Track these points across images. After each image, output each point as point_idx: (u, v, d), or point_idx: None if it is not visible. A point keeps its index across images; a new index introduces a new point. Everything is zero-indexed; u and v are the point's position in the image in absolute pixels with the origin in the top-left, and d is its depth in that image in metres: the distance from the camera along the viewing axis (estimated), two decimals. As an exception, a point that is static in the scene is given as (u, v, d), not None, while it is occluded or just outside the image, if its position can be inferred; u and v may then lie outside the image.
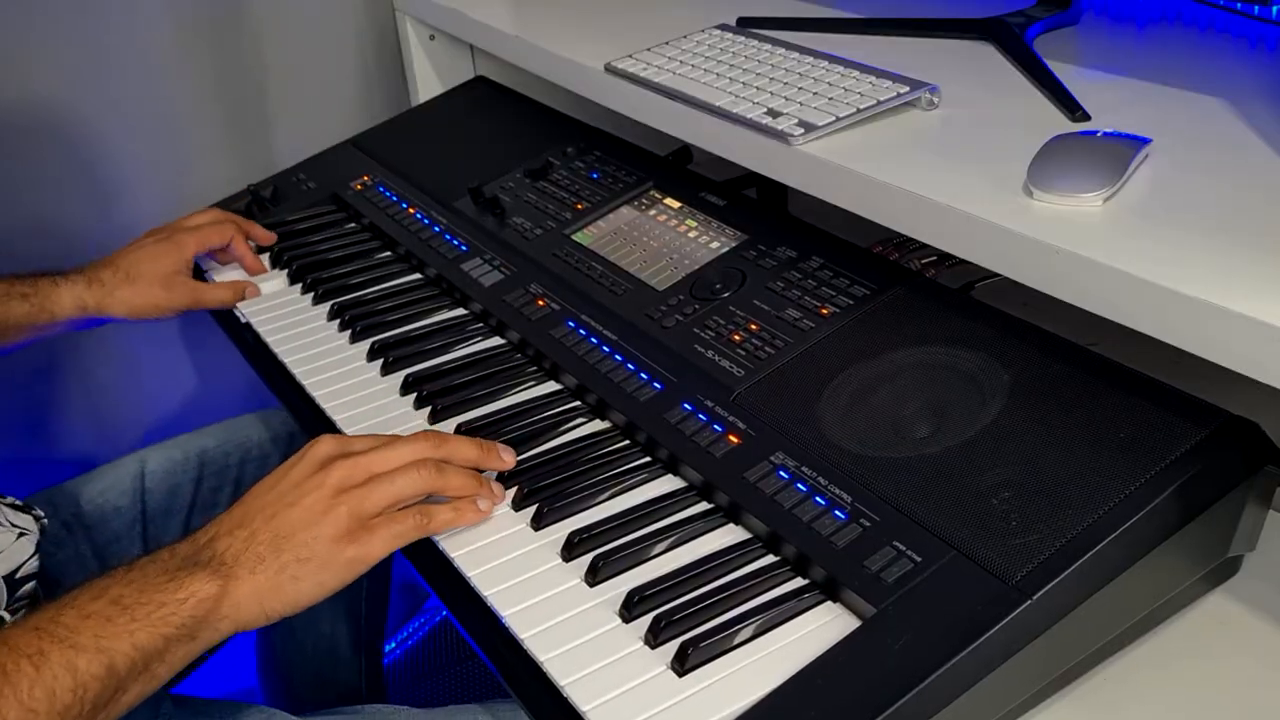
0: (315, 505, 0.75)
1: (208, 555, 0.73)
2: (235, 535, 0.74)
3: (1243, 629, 0.75)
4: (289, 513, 0.75)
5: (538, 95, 1.37)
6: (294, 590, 0.73)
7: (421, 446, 0.80)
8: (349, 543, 0.74)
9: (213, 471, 1.20)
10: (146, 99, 1.41)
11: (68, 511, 1.12)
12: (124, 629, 0.68)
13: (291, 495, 0.76)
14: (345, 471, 0.77)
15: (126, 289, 1.13)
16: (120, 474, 1.17)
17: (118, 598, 0.69)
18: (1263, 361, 0.61)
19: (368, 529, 0.75)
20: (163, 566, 0.72)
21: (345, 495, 0.75)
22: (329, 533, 0.74)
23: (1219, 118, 0.86)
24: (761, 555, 0.75)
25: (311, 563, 0.73)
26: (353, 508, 0.75)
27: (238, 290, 1.17)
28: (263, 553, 0.73)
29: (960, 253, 0.79)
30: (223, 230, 1.20)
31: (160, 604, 0.69)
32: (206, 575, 0.71)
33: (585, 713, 0.66)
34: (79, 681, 0.65)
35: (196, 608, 0.70)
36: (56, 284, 1.11)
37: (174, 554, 0.74)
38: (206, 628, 0.71)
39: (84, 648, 0.66)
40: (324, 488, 0.76)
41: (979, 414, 0.76)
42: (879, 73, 0.96)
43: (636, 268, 1.03)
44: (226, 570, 0.72)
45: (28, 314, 1.10)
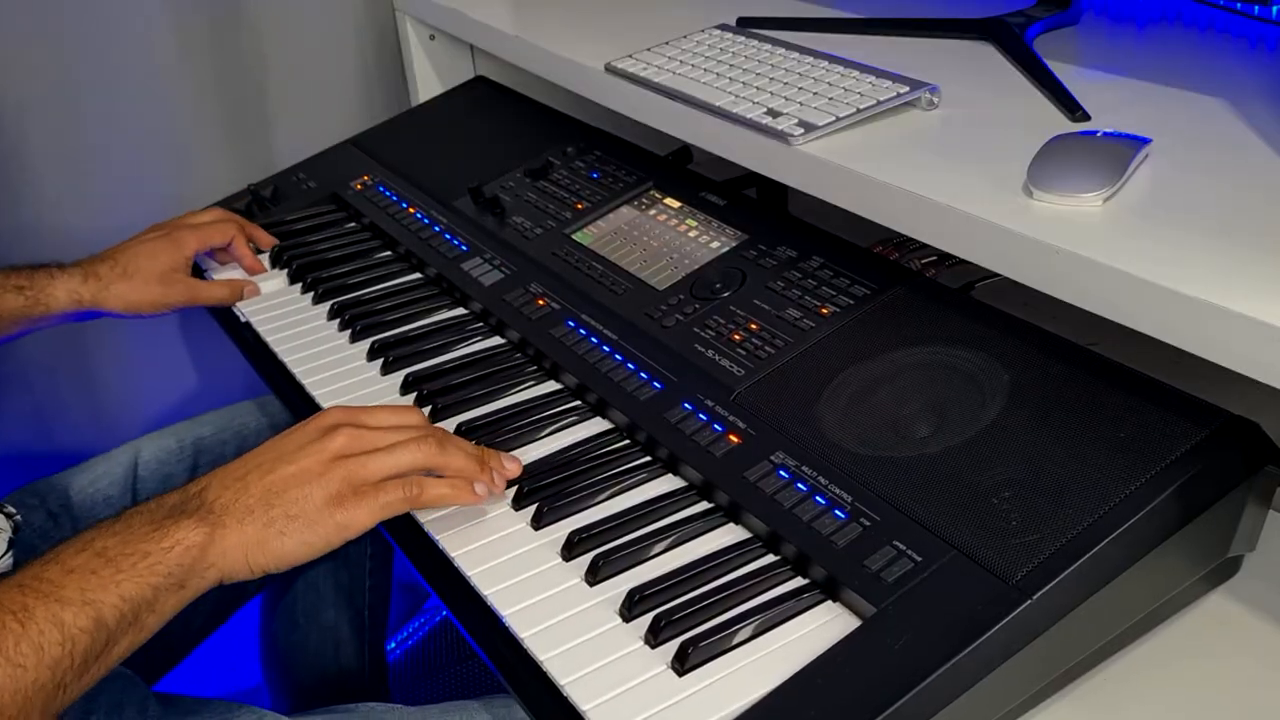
0: (312, 466, 0.76)
1: (196, 504, 0.74)
2: (228, 487, 0.75)
3: (1243, 629, 0.75)
4: (284, 469, 0.76)
5: (538, 95, 1.37)
6: (279, 545, 0.74)
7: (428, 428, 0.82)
8: (338, 507, 0.75)
9: (208, 460, 1.19)
10: (146, 99, 1.41)
11: (56, 503, 1.11)
12: (110, 580, 0.68)
13: (291, 456, 0.77)
14: (347, 439, 0.78)
15: (123, 284, 1.12)
16: (112, 464, 1.17)
17: (102, 550, 0.69)
18: (1263, 361, 0.61)
19: (359, 494, 0.76)
20: (149, 517, 0.72)
21: (343, 461, 0.77)
22: (320, 494, 0.75)
23: (1219, 118, 0.86)
24: (761, 555, 0.75)
25: (299, 520, 0.74)
26: (348, 473, 0.76)
27: (235, 289, 1.17)
28: (252, 505, 0.74)
29: (960, 253, 0.79)
30: (224, 230, 1.20)
31: (145, 554, 0.69)
32: (193, 523, 0.72)
33: (585, 712, 0.66)
34: (66, 635, 0.65)
35: (183, 555, 0.70)
36: (53, 276, 1.11)
37: (161, 504, 0.74)
38: (194, 575, 0.71)
39: (70, 601, 0.66)
40: (324, 451, 0.77)
41: (979, 414, 0.76)
42: (879, 73, 0.96)
43: (636, 267, 1.03)
44: (214, 519, 0.72)
45: (22, 307, 1.09)
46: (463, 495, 0.80)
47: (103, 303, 1.12)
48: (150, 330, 1.50)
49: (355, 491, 0.76)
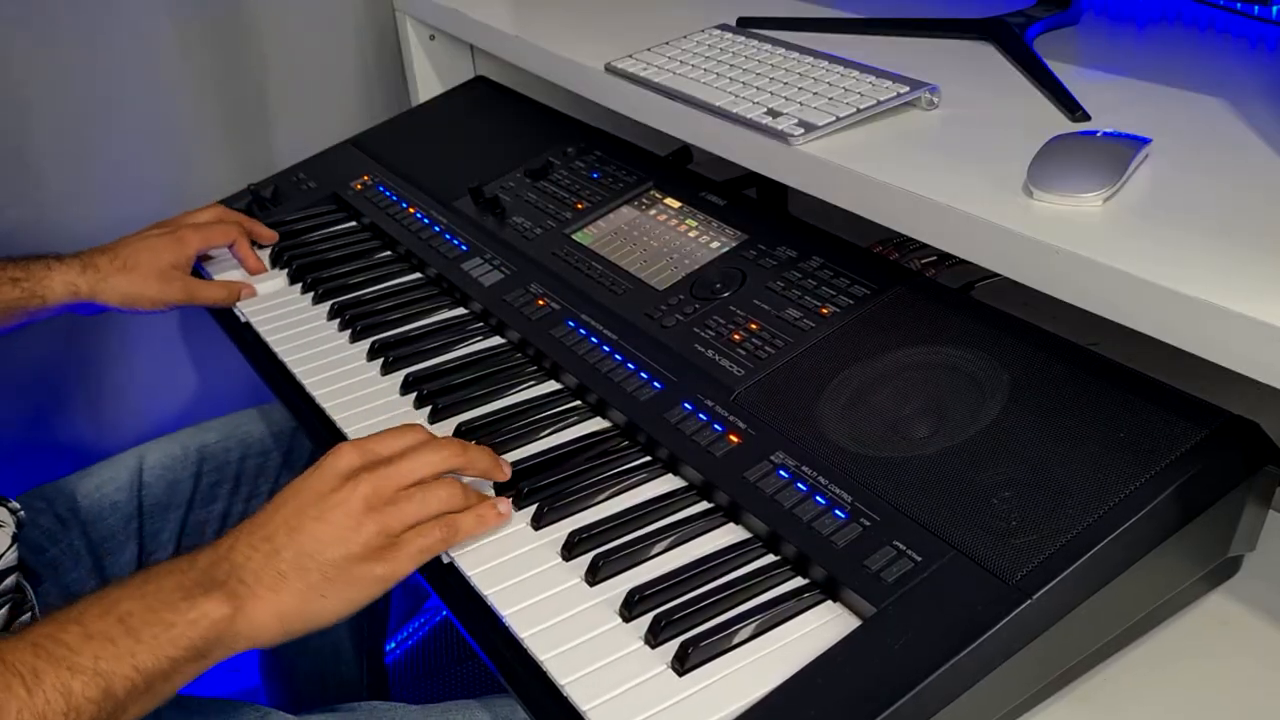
0: (343, 521, 0.72)
1: (225, 571, 0.71)
2: (257, 549, 0.72)
3: (1243, 629, 0.75)
4: (315, 528, 0.72)
5: (538, 95, 1.37)
6: (320, 608, 0.71)
7: (446, 456, 0.78)
8: (377, 560, 0.72)
9: (212, 467, 1.19)
10: (146, 99, 1.41)
11: (63, 506, 1.11)
12: (126, 651, 0.66)
13: (316, 509, 0.73)
14: (372, 486, 0.74)
15: (121, 277, 1.11)
16: (118, 469, 1.17)
17: (125, 615, 0.67)
18: (1263, 361, 0.61)
19: (395, 545, 0.73)
20: (178, 580, 0.69)
21: (374, 513, 0.73)
22: (357, 551, 0.72)
23: (1219, 118, 0.86)
24: (761, 555, 0.75)
25: (339, 581, 0.71)
26: (381, 524, 0.73)
27: (233, 290, 1.17)
28: (285, 570, 0.71)
29: (960, 253, 0.79)
30: (227, 231, 1.20)
31: (169, 624, 0.67)
32: (222, 596, 0.69)
33: (585, 712, 0.66)
34: (72, 705, 0.63)
35: (209, 629, 0.68)
36: (49, 268, 1.10)
37: (193, 564, 0.71)
38: (219, 647, 0.69)
39: (81, 669, 0.64)
40: (351, 502, 0.73)
41: (979, 414, 0.76)
42: (879, 73, 0.96)
43: (636, 267, 1.03)
44: (246, 590, 0.70)
45: (18, 298, 1.08)
46: (491, 520, 0.78)
47: (100, 295, 1.11)
48: (153, 336, 1.50)
49: (392, 542, 0.74)
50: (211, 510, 1.18)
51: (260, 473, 1.21)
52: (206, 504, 1.18)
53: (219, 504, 1.19)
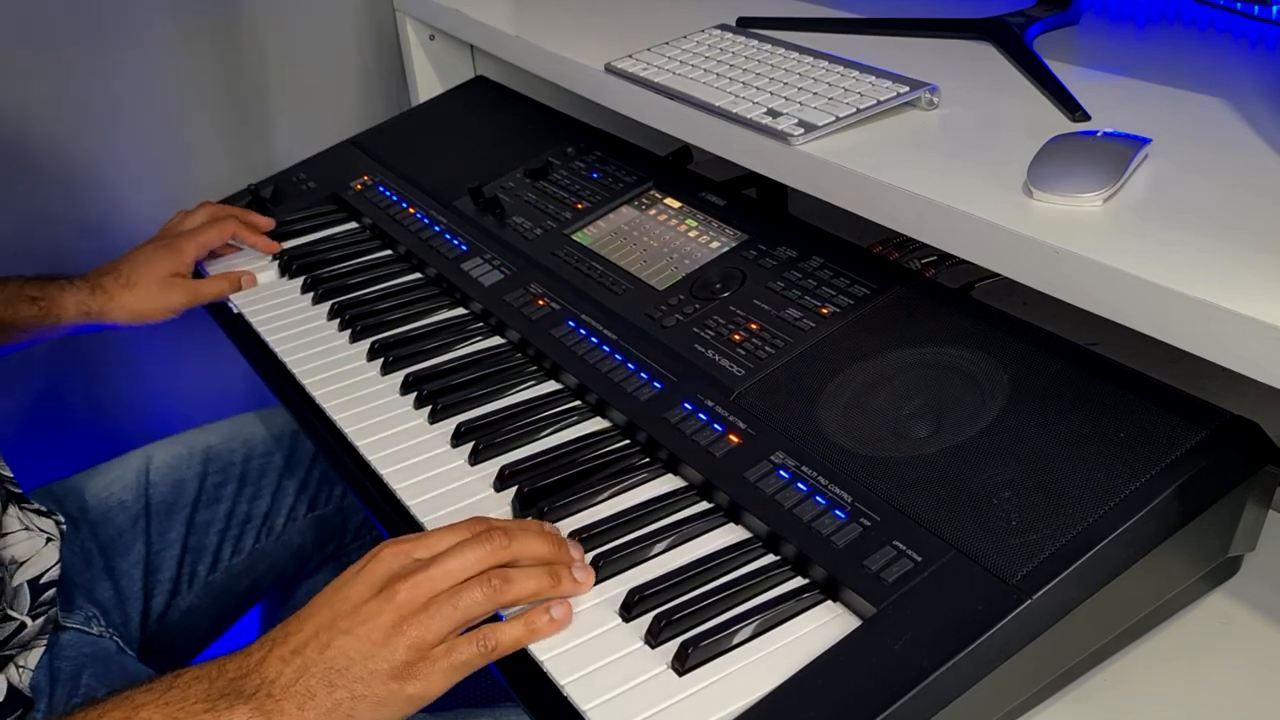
0: (373, 635, 0.68)
1: (255, 683, 0.67)
2: (288, 662, 0.68)
3: (1243, 629, 0.75)
4: (344, 641, 0.68)
5: (538, 95, 1.37)
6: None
7: (488, 551, 0.72)
8: (408, 679, 0.68)
9: (217, 468, 1.20)
10: (147, 99, 1.41)
11: (73, 506, 1.12)
12: None
13: (347, 620, 0.69)
14: (406, 596, 0.69)
15: (126, 294, 1.15)
16: (125, 469, 1.18)
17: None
18: (1263, 361, 0.61)
19: (428, 660, 0.68)
20: (204, 690, 0.67)
21: (405, 624, 0.68)
22: (386, 668, 0.67)
23: (1219, 118, 0.86)
24: (761, 555, 0.75)
25: (368, 700, 0.67)
26: (413, 640, 0.68)
27: (233, 281, 1.19)
28: (314, 687, 0.67)
29: (960, 253, 0.79)
30: (222, 228, 1.21)
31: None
32: (248, 711, 0.65)
33: (585, 712, 0.66)
34: None
35: None
36: (63, 289, 1.14)
37: (222, 672, 0.68)
38: None
39: None
40: (383, 615, 0.69)
41: (979, 414, 0.76)
42: (879, 73, 0.96)
43: (636, 267, 1.03)
44: (273, 705, 0.66)
45: (35, 316, 1.12)
46: (541, 631, 0.71)
47: (109, 314, 1.15)
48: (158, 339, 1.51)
49: (424, 658, 0.68)
50: (217, 510, 1.19)
51: (263, 473, 1.22)
52: (212, 504, 1.19)
53: (224, 504, 1.19)
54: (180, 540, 1.16)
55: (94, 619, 1.02)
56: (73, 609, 1.01)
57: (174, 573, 1.15)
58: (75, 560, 1.08)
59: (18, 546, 0.91)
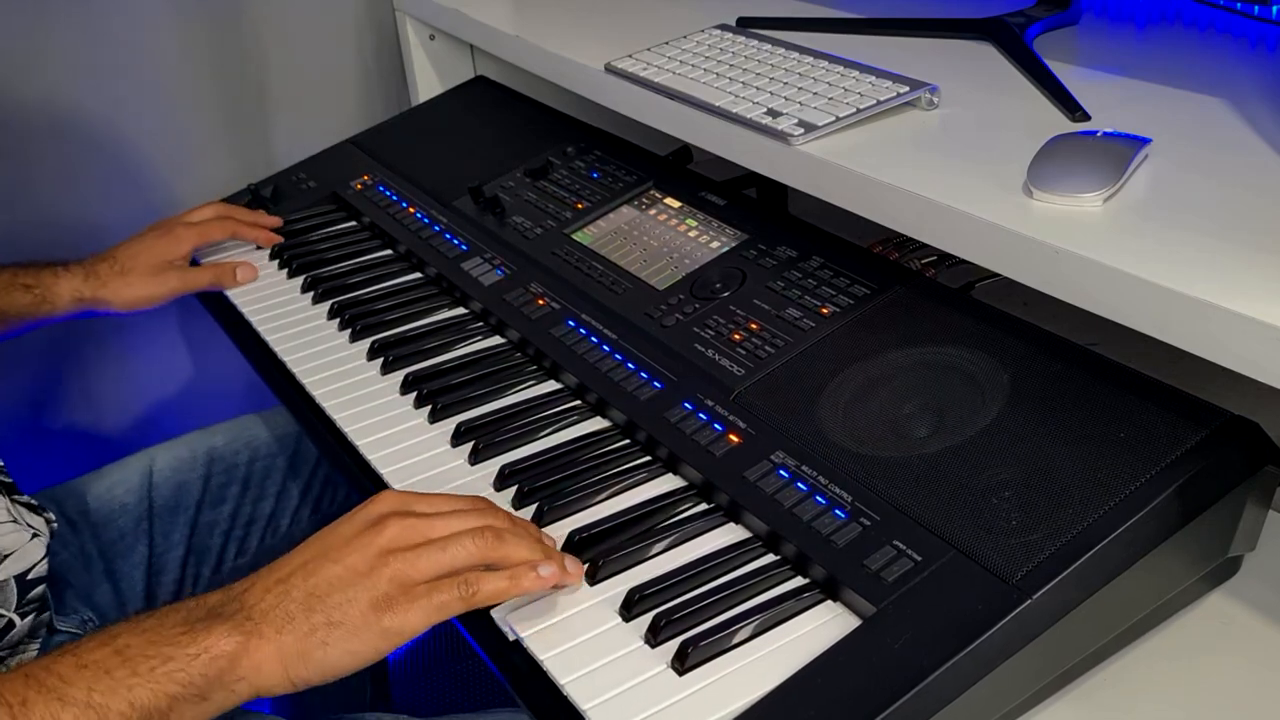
0: (357, 565, 0.68)
1: (234, 608, 0.67)
2: (270, 589, 0.68)
3: (1243, 629, 0.75)
4: (328, 570, 0.68)
5: (538, 95, 1.37)
6: (321, 656, 0.67)
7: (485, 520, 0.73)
8: (386, 610, 0.67)
9: (221, 470, 1.20)
10: (147, 99, 1.41)
11: (74, 509, 1.12)
12: (121, 683, 0.63)
13: (336, 552, 0.69)
14: (397, 532, 0.70)
15: (119, 281, 1.15)
16: (128, 472, 1.17)
17: (123, 648, 0.64)
18: (1263, 361, 0.61)
19: (409, 596, 0.68)
20: (183, 616, 0.67)
21: (391, 557, 0.69)
22: (366, 597, 0.67)
23: (1219, 118, 0.86)
24: (761, 554, 0.75)
25: (343, 628, 0.67)
26: (396, 572, 0.68)
27: (228, 269, 1.19)
28: (293, 610, 0.67)
29: (960, 253, 0.79)
30: (224, 225, 1.22)
31: (167, 658, 0.64)
32: (226, 630, 0.65)
33: (585, 711, 0.66)
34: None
35: (208, 665, 0.64)
36: (57, 276, 1.14)
37: (202, 603, 0.68)
38: (220, 688, 0.65)
39: (72, 701, 0.61)
40: (370, 547, 0.69)
41: (979, 414, 0.76)
42: (879, 73, 0.96)
43: (636, 267, 1.03)
44: (251, 626, 0.66)
45: (29, 304, 1.12)
46: (524, 584, 0.71)
47: (103, 300, 1.15)
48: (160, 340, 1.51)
49: (404, 592, 0.68)
50: (220, 511, 1.19)
51: (267, 475, 1.22)
52: (215, 505, 1.19)
53: (228, 505, 1.19)
54: (184, 542, 1.16)
55: (90, 622, 1.02)
56: (68, 612, 1.01)
57: (178, 574, 1.15)
58: (73, 563, 1.08)
59: (4, 539, 0.90)
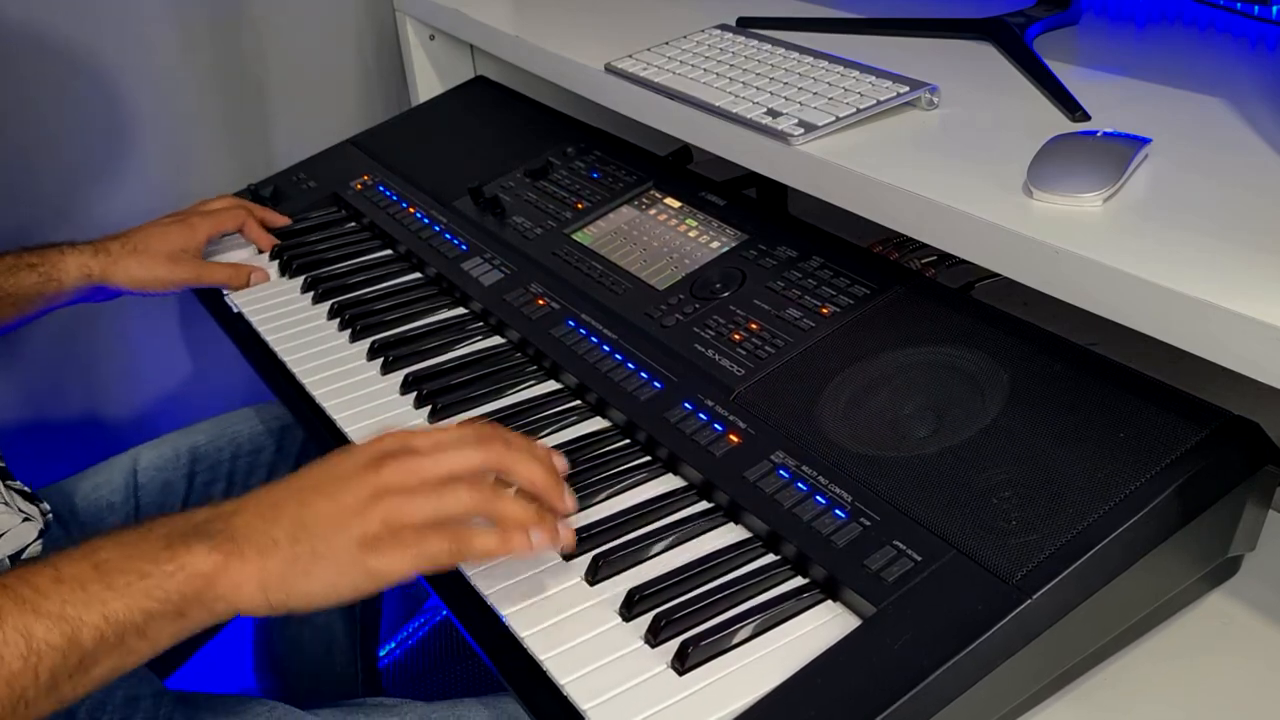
0: (350, 502, 0.68)
1: (219, 526, 0.67)
2: (260, 514, 0.68)
3: (1243, 629, 0.75)
4: (320, 503, 0.68)
5: (538, 95, 1.37)
6: (303, 584, 0.66)
7: (486, 453, 0.72)
8: (373, 551, 0.67)
9: (205, 467, 1.20)
10: (147, 99, 1.41)
11: (63, 510, 1.12)
12: (95, 597, 0.62)
13: (331, 486, 0.69)
14: (393, 472, 0.69)
15: (131, 260, 1.14)
16: (113, 472, 1.17)
17: (101, 562, 0.64)
18: (1263, 361, 0.61)
19: (398, 540, 0.67)
20: (165, 532, 0.66)
21: (385, 499, 0.68)
22: (355, 534, 0.67)
23: (1219, 118, 0.86)
24: (761, 554, 0.75)
25: (326, 560, 0.66)
26: (388, 514, 0.68)
27: (241, 271, 1.18)
28: (279, 536, 0.66)
29: (960, 253, 0.79)
30: (236, 215, 1.23)
31: (144, 574, 0.63)
32: (206, 549, 0.65)
33: (585, 711, 0.66)
34: (32, 649, 0.60)
35: (185, 583, 0.64)
36: (64, 253, 1.13)
37: (188, 519, 0.68)
38: (198, 606, 0.65)
39: (46, 613, 0.61)
40: (366, 484, 0.69)
41: (979, 414, 0.76)
42: (879, 73, 0.96)
43: (636, 267, 1.03)
44: (232, 547, 0.66)
45: (36, 284, 1.10)
46: (514, 544, 0.70)
47: (111, 278, 1.13)
48: (152, 335, 1.50)
49: (394, 535, 0.67)
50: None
51: (252, 471, 1.22)
52: (200, 503, 1.18)
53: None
54: None
55: None
56: None
57: None
58: None
59: None
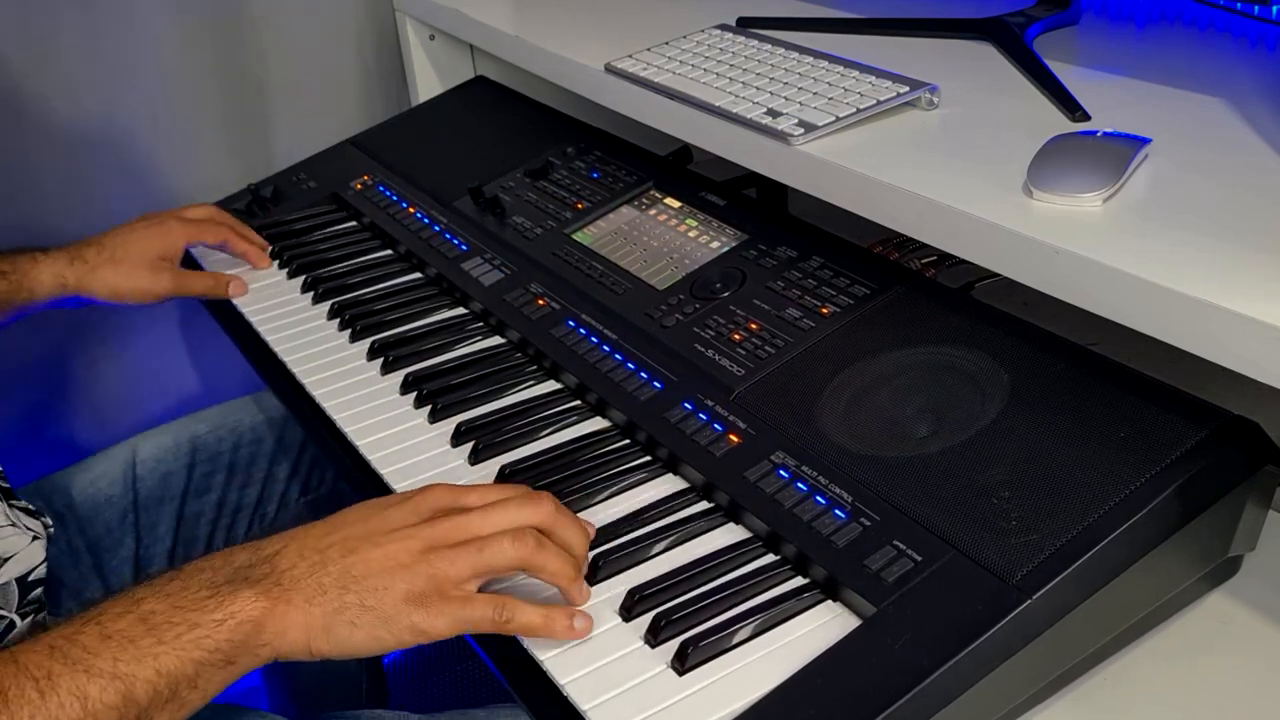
0: (399, 554, 0.68)
1: (264, 571, 0.66)
2: (305, 557, 0.67)
3: (1243, 629, 0.75)
4: (369, 552, 0.68)
5: (538, 95, 1.37)
6: (347, 635, 0.66)
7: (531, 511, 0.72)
8: (419, 606, 0.67)
9: (205, 457, 1.19)
10: (146, 99, 1.41)
11: (60, 503, 1.11)
12: (148, 651, 0.62)
13: (381, 536, 0.69)
14: (445, 530, 0.69)
15: (109, 269, 1.10)
16: (111, 463, 1.16)
17: (147, 614, 0.63)
18: (1263, 361, 0.61)
19: (444, 598, 0.68)
20: (209, 578, 0.66)
21: (434, 554, 0.68)
22: (402, 588, 0.67)
23: (1219, 118, 0.86)
24: (761, 554, 0.75)
25: (375, 613, 0.66)
26: (436, 570, 0.68)
27: (221, 280, 1.16)
28: (327, 584, 0.66)
29: (960, 253, 0.79)
30: (216, 230, 1.19)
31: (193, 624, 0.63)
32: (253, 595, 0.65)
33: (585, 712, 0.66)
34: (89, 710, 0.59)
35: (235, 631, 0.64)
36: (36, 260, 1.08)
37: (228, 561, 0.67)
38: (246, 653, 0.64)
39: (99, 673, 0.60)
40: (415, 539, 0.68)
41: (979, 414, 0.76)
42: (879, 73, 0.96)
43: (636, 267, 1.03)
44: (280, 592, 0.65)
45: (6, 291, 1.06)
46: (557, 628, 0.70)
47: (88, 287, 1.09)
48: (149, 329, 1.50)
49: (440, 593, 0.67)
50: (206, 500, 1.18)
51: (253, 461, 1.21)
52: (201, 494, 1.18)
53: (213, 494, 1.18)
54: (170, 533, 1.15)
55: None
56: (61, 610, 1.01)
57: (165, 565, 1.14)
58: (63, 560, 1.07)
59: (4, 542, 0.90)
